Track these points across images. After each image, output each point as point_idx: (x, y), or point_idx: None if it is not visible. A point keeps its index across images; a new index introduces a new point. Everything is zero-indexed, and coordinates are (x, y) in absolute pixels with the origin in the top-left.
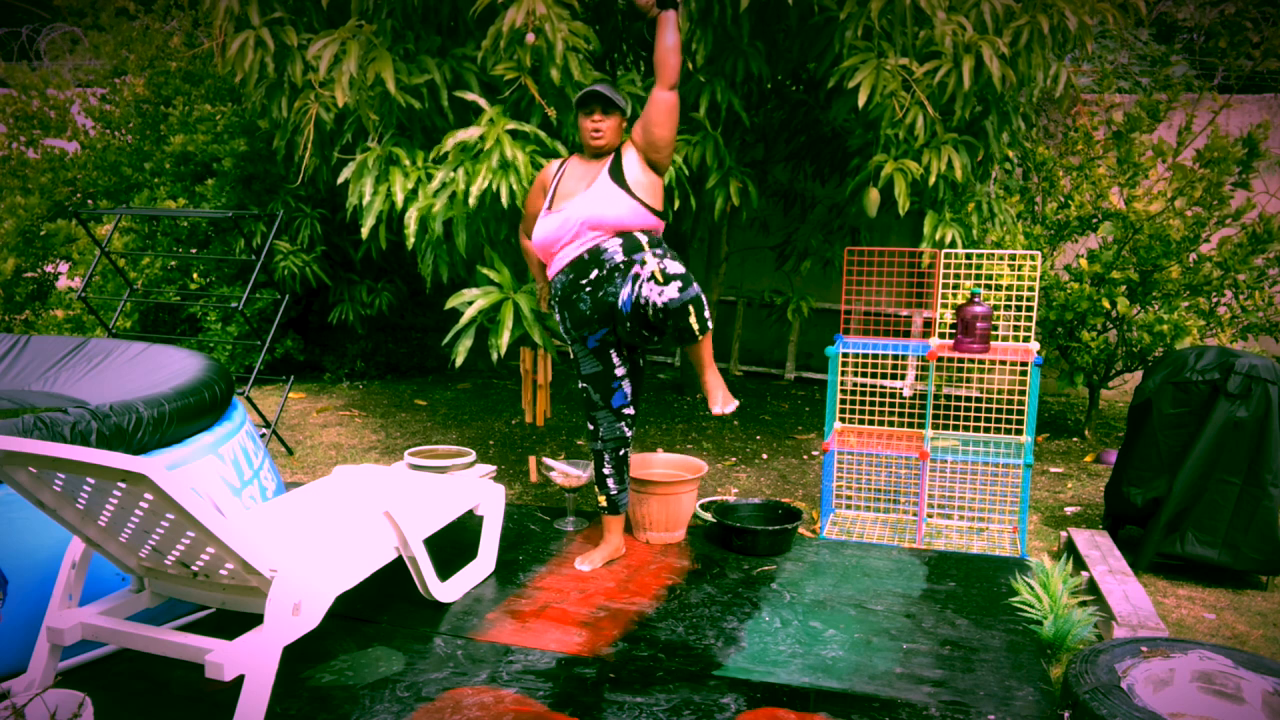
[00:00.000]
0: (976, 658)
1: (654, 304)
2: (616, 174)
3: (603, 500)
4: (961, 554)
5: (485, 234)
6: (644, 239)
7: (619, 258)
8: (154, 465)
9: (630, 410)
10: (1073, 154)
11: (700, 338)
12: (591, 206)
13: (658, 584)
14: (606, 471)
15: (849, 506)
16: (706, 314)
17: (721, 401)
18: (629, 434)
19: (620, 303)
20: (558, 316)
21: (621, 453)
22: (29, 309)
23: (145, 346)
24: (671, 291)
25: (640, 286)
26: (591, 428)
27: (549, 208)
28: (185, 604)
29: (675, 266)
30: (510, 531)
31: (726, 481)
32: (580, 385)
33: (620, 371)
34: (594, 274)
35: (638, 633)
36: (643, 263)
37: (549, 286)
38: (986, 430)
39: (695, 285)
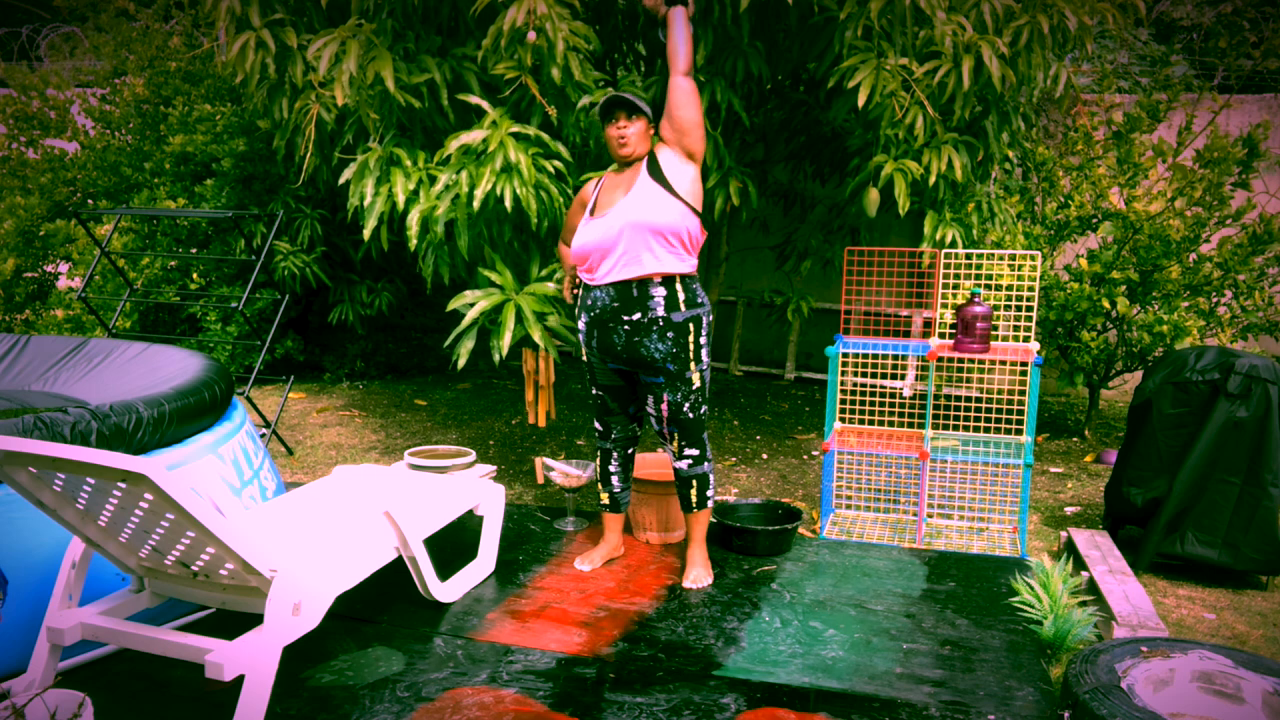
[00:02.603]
0: (976, 658)
1: (671, 462)
2: (655, 172)
3: (605, 498)
4: (961, 554)
5: (487, 236)
6: (680, 295)
7: (659, 311)
8: (154, 465)
9: (642, 412)
10: (1073, 154)
11: (696, 510)
12: (635, 210)
13: (658, 584)
14: (613, 469)
15: (849, 506)
16: (709, 493)
17: (694, 579)
18: (639, 433)
19: (650, 406)
20: (582, 324)
21: (630, 451)
22: (29, 309)
23: (145, 346)
24: (683, 465)
25: (664, 427)
26: (601, 429)
27: (591, 214)
28: (185, 604)
29: (692, 448)
30: (510, 531)
31: (726, 481)
32: (595, 392)
33: (636, 388)
34: (636, 316)
35: (638, 633)
36: (671, 451)
37: (582, 291)
38: (986, 430)
39: (707, 464)
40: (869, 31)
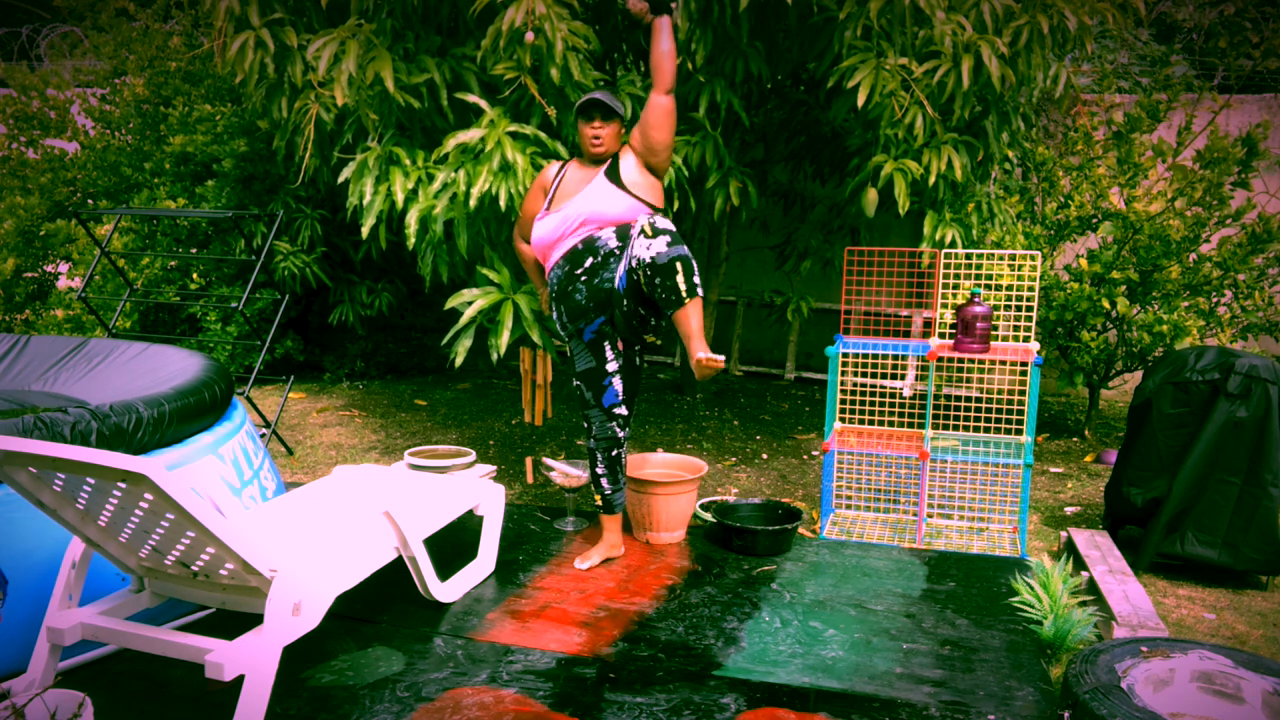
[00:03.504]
0: (976, 658)
1: (643, 261)
2: (613, 175)
3: (598, 500)
4: (961, 554)
5: (486, 235)
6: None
7: (613, 244)
8: (154, 465)
9: (622, 410)
10: (1073, 154)
11: (688, 300)
12: (590, 204)
13: (658, 584)
14: (600, 471)
15: (849, 506)
16: (696, 278)
17: (709, 361)
18: (621, 435)
19: (616, 283)
20: (554, 313)
21: (614, 453)
22: (29, 309)
23: (145, 346)
24: (660, 245)
25: (633, 247)
26: (586, 425)
27: (548, 209)
28: (185, 604)
29: (665, 223)
30: (510, 531)
31: (726, 481)
32: (575, 383)
33: (612, 367)
34: (589, 262)
35: (638, 633)
36: (641, 231)
37: (547, 286)
38: (986, 430)
39: (685, 246)
40: (869, 31)
